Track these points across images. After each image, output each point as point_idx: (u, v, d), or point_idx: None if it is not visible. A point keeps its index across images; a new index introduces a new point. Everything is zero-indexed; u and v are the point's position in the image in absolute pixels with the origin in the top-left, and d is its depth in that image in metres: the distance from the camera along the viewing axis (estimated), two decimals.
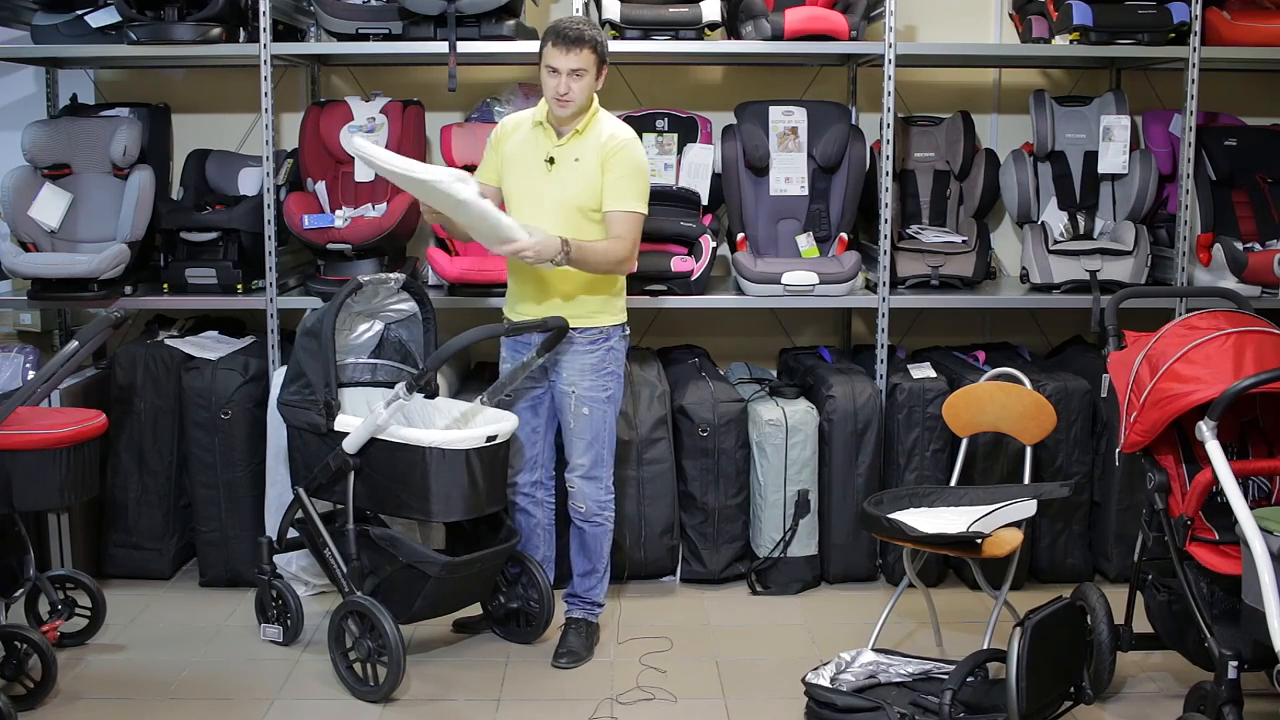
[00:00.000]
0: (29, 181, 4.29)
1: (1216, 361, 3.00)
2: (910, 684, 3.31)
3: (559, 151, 3.52)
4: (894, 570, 4.23)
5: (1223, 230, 4.54)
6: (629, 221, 3.51)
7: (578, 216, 3.50)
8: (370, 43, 4.32)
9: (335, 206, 4.43)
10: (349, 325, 3.79)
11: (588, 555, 3.74)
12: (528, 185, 3.55)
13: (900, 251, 4.44)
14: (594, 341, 3.59)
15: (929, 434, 4.18)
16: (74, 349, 3.45)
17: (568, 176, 3.50)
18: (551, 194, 3.51)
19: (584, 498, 3.67)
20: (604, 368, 3.62)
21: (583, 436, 3.63)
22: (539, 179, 3.53)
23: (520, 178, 3.57)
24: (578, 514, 3.70)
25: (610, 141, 3.49)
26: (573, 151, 3.51)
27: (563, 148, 3.51)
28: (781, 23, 4.25)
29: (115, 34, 4.31)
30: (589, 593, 3.76)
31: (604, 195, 3.49)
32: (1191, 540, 3.07)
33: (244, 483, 4.16)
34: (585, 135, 3.51)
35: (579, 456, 3.66)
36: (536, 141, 3.56)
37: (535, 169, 3.54)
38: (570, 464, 3.69)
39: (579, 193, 3.49)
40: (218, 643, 3.81)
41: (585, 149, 3.50)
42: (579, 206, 3.50)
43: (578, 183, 3.50)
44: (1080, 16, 4.30)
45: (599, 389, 3.61)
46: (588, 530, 3.71)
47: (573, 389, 3.60)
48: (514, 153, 3.59)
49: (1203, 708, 2.94)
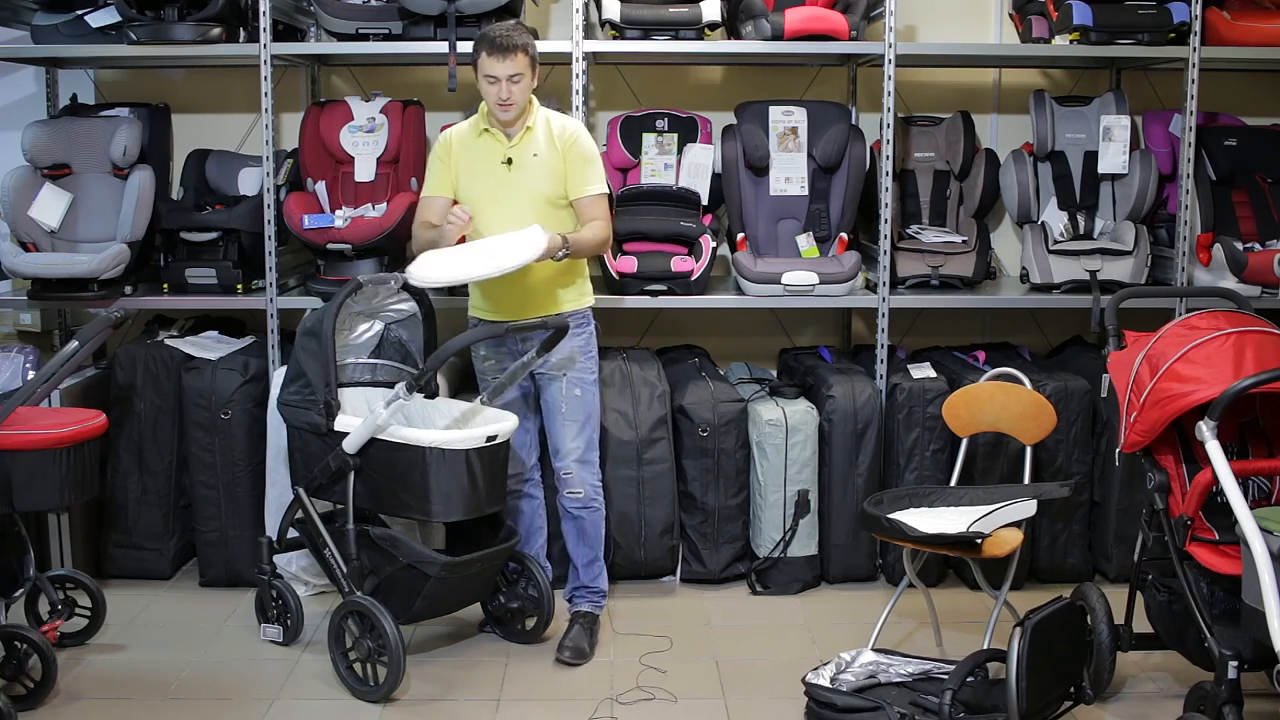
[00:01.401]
0: (29, 181, 4.29)
1: (1216, 361, 3.00)
2: (910, 684, 3.31)
3: (514, 151, 3.64)
4: (894, 570, 4.23)
5: (1223, 230, 4.54)
6: (600, 202, 3.69)
7: (547, 207, 3.64)
8: (370, 43, 4.33)
9: (335, 206, 4.44)
10: (349, 325, 3.79)
11: (589, 544, 3.78)
12: (490, 188, 3.65)
13: (900, 251, 4.44)
14: (578, 325, 3.70)
15: (929, 434, 4.18)
16: (74, 349, 3.45)
17: (531, 173, 3.64)
18: (518, 191, 3.63)
19: (581, 483, 3.71)
20: (588, 349, 3.75)
21: (575, 419, 3.70)
22: (500, 180, 3.64)
23: (480, 183, 3.67)
24: (575, 501, 3.73)
25: (564, 134, 3.65)
26: (528, 148, 3.64)
27: (517, 147, 3.64)
28: (781, 23, 4.25)
29: (115, 34, 4.32)
30: (595, 581, 3.81)
31: (569, 185, 3.65)
32: (1191, 540, 3.07)
33: (244, 483, 4.16)
34: (535, 131, 3.65)
35: (572, 440, 3.70)
36: (487, 148, 3.68)
37: (494, 172, 3.65)
38: (562, 451, 3.72)
39: (546, 185, 3.64)
40: (218, 643, 3.81)
41: (540, 144, 3.64)
42: (547, 198, 3.64)
43: (542, 176, 3.64)
44: (1080, 16, 4.30)
45: (586, 370, 3.73)
46: (586, 518, 3.75)
47: (564, 372, 3.69)
48: (466, 162, 3.71)
49: (1203, 708, 2.94)
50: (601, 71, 4.85)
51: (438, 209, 3.68)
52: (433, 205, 3.71)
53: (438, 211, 3.68)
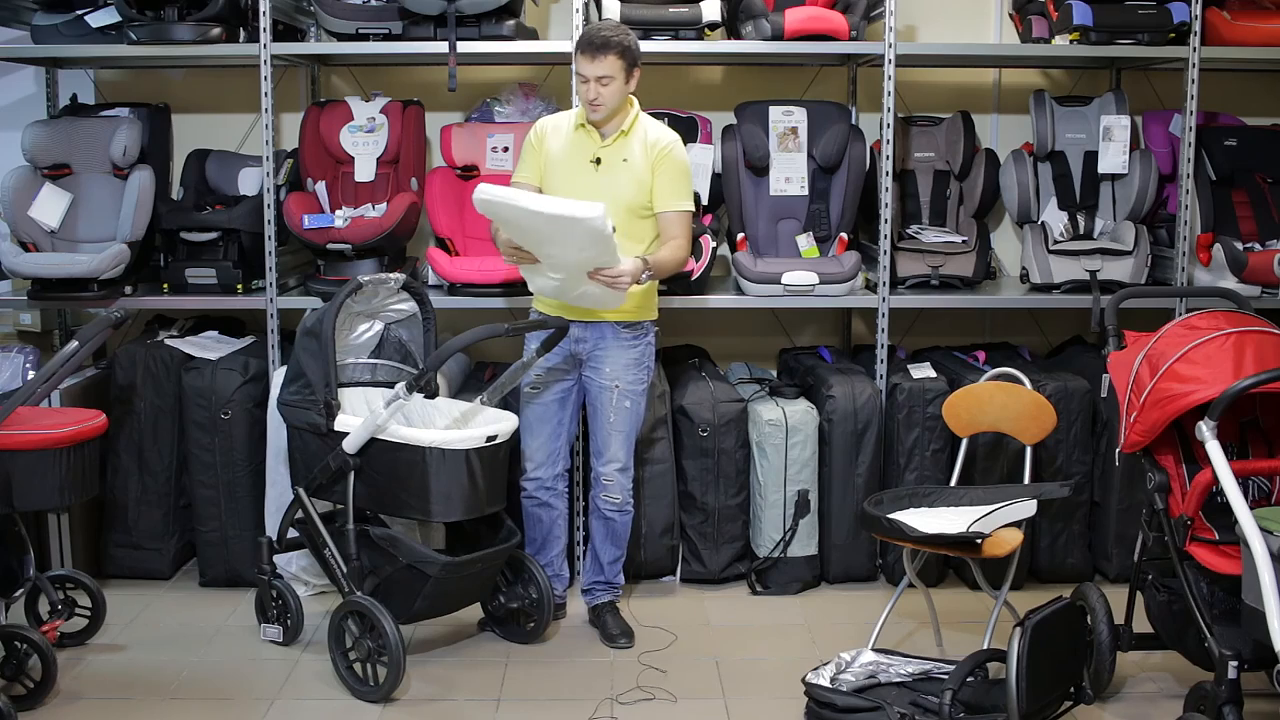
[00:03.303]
0: (29, 181, 4.29)
1: (1216, 361, 3.00)
2: (910, 684, 3.31)
3: (605, 152, 3.63)
4: (894, 570, 4.23)
5: (1223, 230, 4.54)
6: (683, 220, 3.67)
7: (628, 215, 3.61)
8: (370, 43, 4.32)
9: (335, 206, 4.44)
10: (349, 325, 3.79)
11: (616, 543, 3.85)
12: (575, 184, 3.62)
13: (900, 251, 4.44)
14: (636, 336, 3.70)
15: (929, 434, 4.18)
16: (74, 349, 3.45)
17: (618, 176, 3.62)
18: (602, 193, 3.56)
19: (620, 489, 3.77)
20: (643, 361, 3.74)
21: (621, 430, 3.73)
22: (587, 178, 3.63)
23: (566, 177, 3.65)
24: (611, 506, 3.77)
25: (657, 144, 3.64)
26: (620, 152, 3.62)
27: (609, 148, 3.63)
28: (781, 23, 4.25)
29: (115, 34, 4.31)
30: (616, 577, 3.91)
31: (655, 197, 3.63)
32: (1191, 540, 3.07)
33: (244, 483, 4.16)
34: (630, 136, 3.64)
35: (616, 449, 3.74)
36: (580, 143, 3.66)
37: (582, 169, 3.64)
38: (605, 457, 3.75)
39: (631, 193, 3.62)
40: (218, 643, 3.81)
41: (632, 150, 3.62)
42: (630, 205, 3.62)
43: (629, 183, 3.62)
44: (1080, 16, 4.30)
45: (639, 382, 3.73)
46: (618, 520, 3.81)
47: (615, 383, 3.69)
48: (558, 153, 3.68)
49: (1203, 708, 2.94)
50: None
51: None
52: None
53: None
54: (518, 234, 3.47)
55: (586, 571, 3.96)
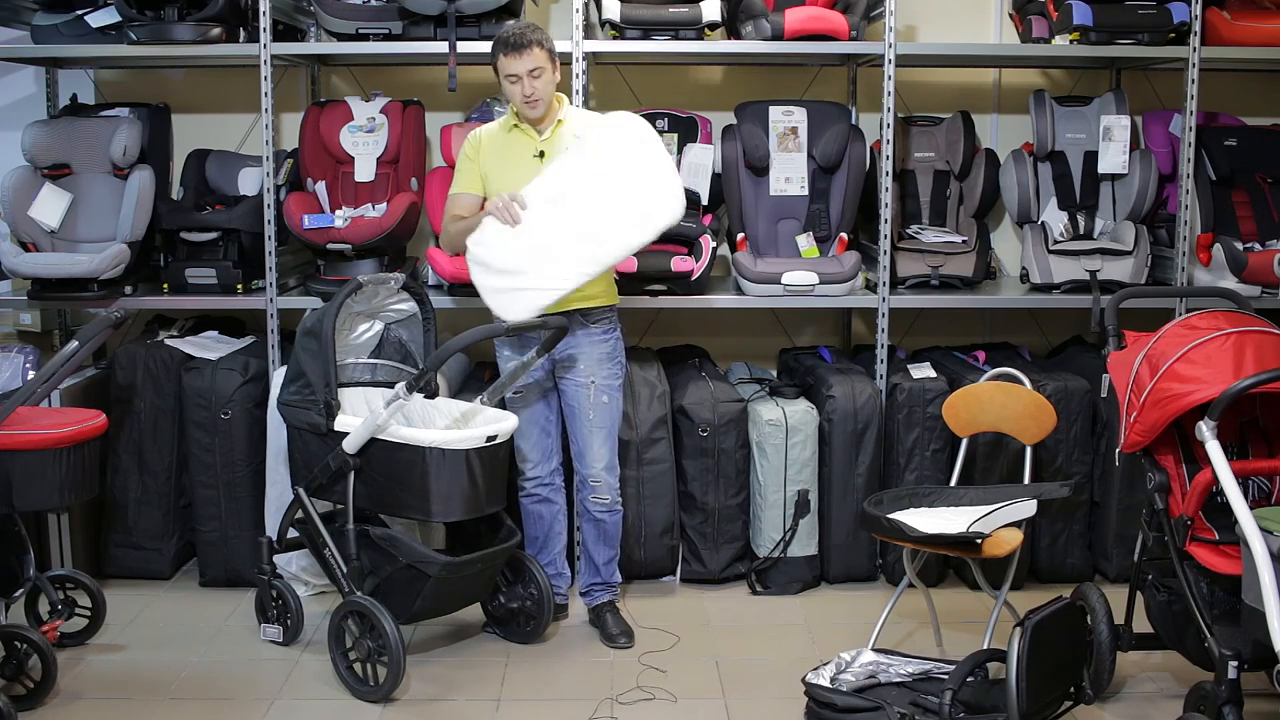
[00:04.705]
0: (29, 181, 4.29)
1: (1216, 361, 3.00)
2: (910, 684, 3.31)
3: (547, 145, 3.68)
4: (894, 570, 4.23)
5: (1223, 230, 4.54)
6: None
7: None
8: (370, 43, 4.33)
9: (335, 206, 4.44)
10: (349, 325, 3.79)
11: (609, 543, 3.85)
12: (521, 180, 3.62)
13: (900, 251, 4.44)
14: (605, 331, 3.71)
15: (929, 434, 4.18)
16: (74, 349, 3.45)
17: None
18: None
19: (608, 489, 3.77)
20: (615, 356, 3.76)
21: (602, 426, 3.73)
22: (535, 173, 3.63)
23: (513, 178, 3.65)
24: (600, 507, 3.78)
25: (594, 121, 3.68)
26: (561, 142, 3.66)
27: (550, 141, 3.67)
28: (781, 23, 4.25)
29: (115, 34, 4.31)
30: (612, 576, 3.90)
31: None
32: (1191, 540, 3.07)
33: (244, 483, 4.16)
34: (567, 125, 3.68)
35: (599, 447, 3.74)
36: (518, 143, 3.70)
37: (525, 164, 3.66)
38: (588, 458, 3.74)
39: None
40: (218, 643, 3.81)
41: (572, 137, 3.64)
42: None
43: None
44: (1080, 16, 4.30)
45: (614, 376, 3.75)
46: (608, 520, 3.81)
47: (591, 379, 3.70)
48: (497, 158, 3.72)
49: (1203, 708, 2.94)
50: (601, 71, 4.84)
51: (467, 204, 3.71)
52: (461, 201, 3.72)
53: (467, 206, 3.70)
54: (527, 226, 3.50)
55: (582, 575, 3.96)
